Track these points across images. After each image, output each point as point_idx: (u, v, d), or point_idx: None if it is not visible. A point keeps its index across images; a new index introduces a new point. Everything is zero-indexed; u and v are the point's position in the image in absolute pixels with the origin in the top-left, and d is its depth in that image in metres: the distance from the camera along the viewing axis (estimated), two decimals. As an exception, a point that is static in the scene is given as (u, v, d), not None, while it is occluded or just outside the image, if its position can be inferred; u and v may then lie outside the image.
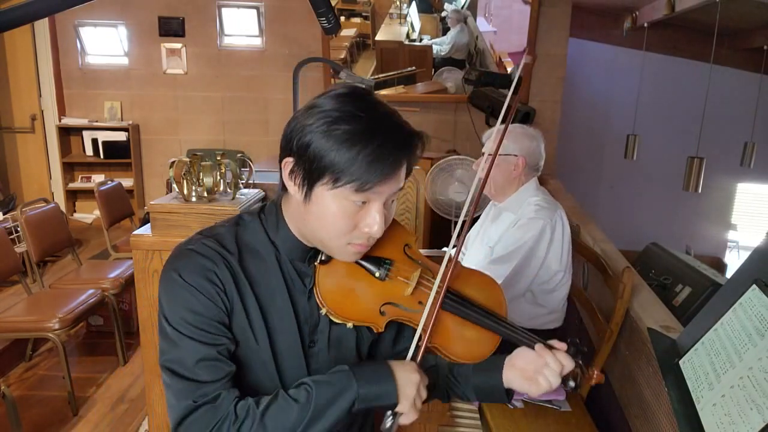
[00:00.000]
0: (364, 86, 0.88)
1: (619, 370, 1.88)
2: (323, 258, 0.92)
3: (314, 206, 0.84)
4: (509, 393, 0.99)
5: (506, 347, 0.99)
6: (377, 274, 0.92)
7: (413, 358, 0.89)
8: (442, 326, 0.94)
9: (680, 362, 1.14)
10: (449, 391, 1.05)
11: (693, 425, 0.98)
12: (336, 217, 0.83)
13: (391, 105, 0.88)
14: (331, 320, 0.93)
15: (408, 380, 0.86)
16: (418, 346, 0.89)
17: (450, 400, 1.07)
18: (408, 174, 0.88)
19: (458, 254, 0.93)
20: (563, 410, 1.72)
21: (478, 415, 1.79)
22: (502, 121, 1.00)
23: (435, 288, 0.91)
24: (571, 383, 0.92)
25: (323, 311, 0.91)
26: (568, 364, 0.92)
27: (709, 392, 0.99)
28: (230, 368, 0.86)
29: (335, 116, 0.80)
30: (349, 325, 0.91)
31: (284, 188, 0.90)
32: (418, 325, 0.90)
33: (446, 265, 0.92)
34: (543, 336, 1.65)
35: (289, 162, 0.85)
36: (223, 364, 0.85)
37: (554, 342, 0.95)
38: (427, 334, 0.89)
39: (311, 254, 0.93)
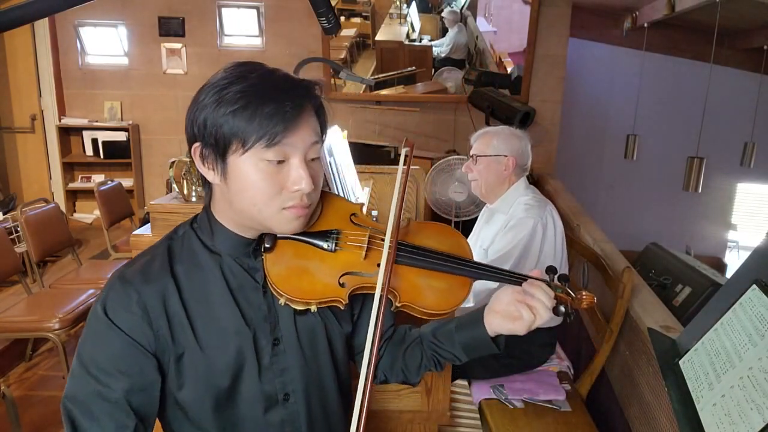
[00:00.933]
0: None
1: (619, 370, 1.88)
2: (267, 245, 0.88)
3: (233, 180, 0.81)
4: (497, 342, 0.95)
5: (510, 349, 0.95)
6: (326, 246, 0.89)
7: (376, 322, 0.84)
8: (406, 282, 0.91)
9: (680, 362, 1.14)
10: (438, 357, 1.02)
11: (693, 425, 0.98)
12: (257, 182, 0.80)
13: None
14: (294, 311, 0.91)
15: None
16: (379, 306, 0.84)
17: (443, 367, 1.03)
18: (323, 127, 0.86)
19: (401, 207, 0.91)
20: (563, 410, 1.72)
21: (478, 415, 1.79)
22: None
23: (387, 243, 0.87)
24: (562, 308, 0.88)
25: (282, 301, 0.87)
26: (549, 292, 0.88)
27: (709, 392, 0.99)
28: (129, 420, 0.80)
29: (224, 83, 0.80)
30: (312, 308, 0.87)
31: (207, 186, 0.88)
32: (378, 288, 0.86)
33: (393, 221, 0.89)
34: (541, 333, 1.65)
35: (196, 147, 0.83)
36: (123, 414, 0.80)
37: (532, 272, 0.92)
38: (385, 291, 0.85)
39: (254, 246, 0.90)
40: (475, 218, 2.35)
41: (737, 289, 1.08)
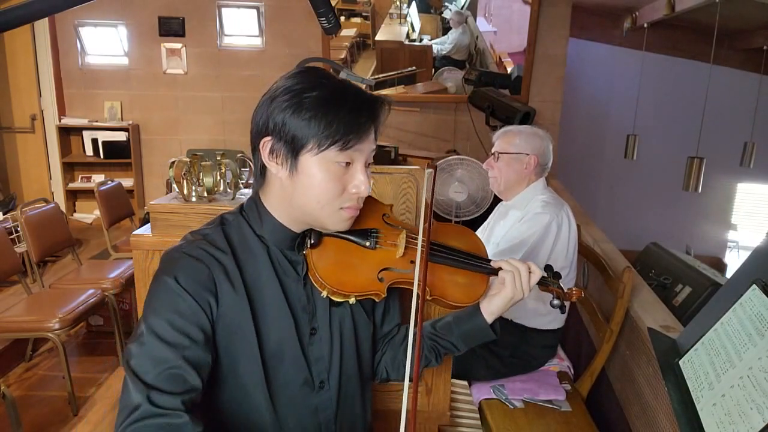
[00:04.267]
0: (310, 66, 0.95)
1: (619, 370, 1.88)
2: (312, 241, 0.95)
3: (301, 177, 0.88)
4: (494, 328, 1.04)
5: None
6: (367, 244, 0.98)
7: (417, 312, 0.90)
8: (436, 278, 1.01)
9: (680, 362, 1.14)
10: (438, 347, 1.09)
11: (693, 425, 0.98)
12: (324, 182, 0.87)
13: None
14: (330, 303, 0.97)
15: None
16: (419, 299, 0.92)
17: (442, 359, 1.11)
18: (377, 136, 0.93)
19: (431, 212, 1.02)
20: (563, 410, 1.72)
21: (478, 415, 1.79)
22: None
23: (420, 244, 0.96)
24: (556, 301, 1.02)
25: (324, 293, 0.94)
26: (535, 270, 1.01)
27: (709, 392, 0.99)
28: (195, 382, 0.83)
29: (300, 88, 0.86)
30: (351, 300, 0.95)
31: (261, 177, 0.94)
32: (413, 284, 0.95)
33: (424, 223, 0.98)
34: (543, 335, 1.69)
35: (267, 141, 0.88)
36: (188, 376, 0.83)
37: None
38: (425, 286, 0.94)
39: (299, 241, 0.96)
40: (475, 218, 2.35)
41: (737, 289, 1.09)
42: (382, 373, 1.14)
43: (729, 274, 3.98)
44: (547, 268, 1.06)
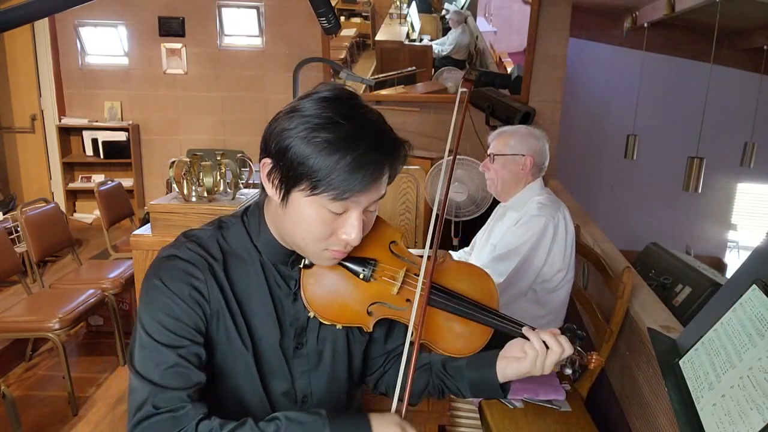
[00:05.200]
0: (350, 89, 0.87)
1: (619, 370, 1.88)
2: (306, 262, 0.91)
3: (291, 210, 0.83)
4: (504, 388, 0.98)
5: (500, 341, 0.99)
6: (362, 276, 0.91)
7: (408, 360, 0.87)
8: (431, 322, 0.94)
9: (680, 362, 1.14)
10: (443, 387, 1.05)
11: (693, 425, 0.98)
12: (312, 224, 0.82)
13: (377, 108, 0.86)
14: (320, 322, 0.94)
15: None
16: (411, 346, 0.88)
17: (445, 396, 1.06)
18: (390, 182, 0.86)
19: (436, 249, 0.92)
20: (563, 410, 1.72)
21: (478, 415, 1.79)
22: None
23: (419, 286, 0.90)
24: (568, 370, 0.92)
25: (311, 314, 0.91)
26: (567, 347, 0.91)
27: (709, 392, 0.99)
28: (198, 377, 0.84)
29: (316, 123, 0.78)
30: (338, 326, 0.92)
31: (263, 190, 0.89)
32: (408, 322, 0.90)
33: (427, 262, 0.92)
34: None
35: (267, 163, 0.83)
36: (191, 372, 0.84)
37: (546, 330, 0.94)
38: (419, 333, 0.88)
39: (294, 257, 0.92)
40: (475, 218, 2.35)
41: (737, 289, 1.08)
42: (380, 389, 1.11)
43: (729, 274, 3.98)
44: (568, 329, 0.95)
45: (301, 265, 0.92)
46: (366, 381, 1.12)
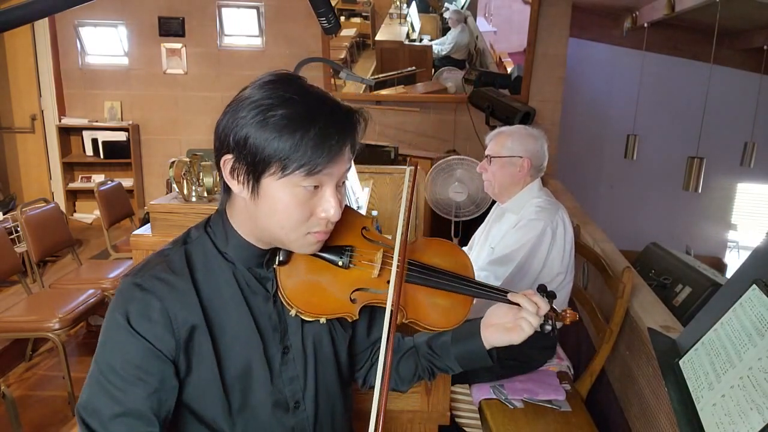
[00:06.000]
0: (288, 71, 0.86)
1: (619, 370, 1.88)
2: (281, 258, 0.89)
3: (264, 201, 0.81)
4: (491, 354, 0.99)
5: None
6: (340, 263, 0.91)
7: (387, 337, 0.85)
8: (413, 299, 0.95)
9: (680, 362, 1.14)
10: (433, 367, 1.05)
11: (693, 425, 0.98)
12: (289, 207, 0.80)
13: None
14: (302, 320, 0.91)
15: None
16: (390, 325, 0.86)
17: (435, 377, 1.06)
18: (354, 152, 0.85)
19: (407, 227, 0.93)
20: (563, 410, 1.72)
21: (478, 415, 1.79)
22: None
23: (395, 264, 0.89)
24: (548, 326, 0.95)
25: (292, 312, 0.88)
26: (542, 305, 0.93)
27: (709, 392, 0.99)
28: (150, 429, 0.79)
29: (268, 104, 0.77)
30: (322, 320, 0.90)
31: (226, 193, 0.87)
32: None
33: (400, 240, 0.91)
34: (543, 338, 1.66)
35: (228, 159, 0.81)
36: (142, 424, 0.78)
37: (523, 292, 0.97)
38: (398, 310, 0.88)
39: (268, 257, 0.90)
40: (475, 218, 2.35)
41: (737, 289, 1.08)
42: (370, 382, 1.09)
43: (729, 274, 3.98)
44: (540, 288, 0.98)
45: (276, 264, 0.89)
46: (355, 378, 1.11)
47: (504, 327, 0.95)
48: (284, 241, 0.85)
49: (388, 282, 0.91)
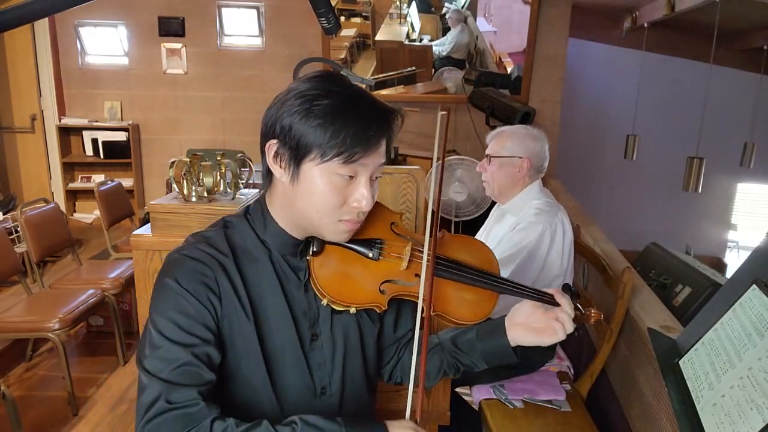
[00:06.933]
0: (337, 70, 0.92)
1: (619, 370, 1.88)
2: (315, 249, 0.93)
3: (302, 185, 0.86)
4: (516, 351, 1.00)
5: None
6: (371, 255, 0.95)
7: (421, 328, 0.90)
8: (441, 293, 0.97)
9: (680, 362, 1.14)
10: (458, 363, 1.07)
11: (693, 425, 0.98)
12: (325, 193, 0.85)
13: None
14: (332, 310, 0.95)
15: None
16: (422, 318, 0.90)
17: (460, 372, 1.08)
18: (389, 150, 0.91)
19: (437, 222, 0.95)
20: (563, 410, 1.72)
21: (478, 416, 1.79)
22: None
23: (425, 258, 0.93)
24: (573, 327, 0.96)
25: (324, 302, 0.92)
26: (570, 308, 0.96)
27: (709, 392, 0.99)
28: (209, 376, 0.85)
29: (313, 94, 0.83)
30: (352, 310, 0.93)
31: (268, 179, 0.92)
32: (418, 297, 0.92)
33: (431, 235, 0.95)
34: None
35: (273, 144, 0.87)
36: (202, 371, 0.84)
37: (551, 290, 0.99)
38: (429, 304, 0.91)
39: (302, 248, 0.94)
40: (475, 218, 2.35)
41: (737, 289, 1.09)
42: (396, 378, 1.13)
43: (729, 274, 3.98)
44: (566, 288, 1.00)
45: (310, 253, 0.93)
46: (380, 373, 1.13)
47: (532, 327, 0.97)
48: (317, 225, 0.90)
49: (417, 275, 0.95)
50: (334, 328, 0.98)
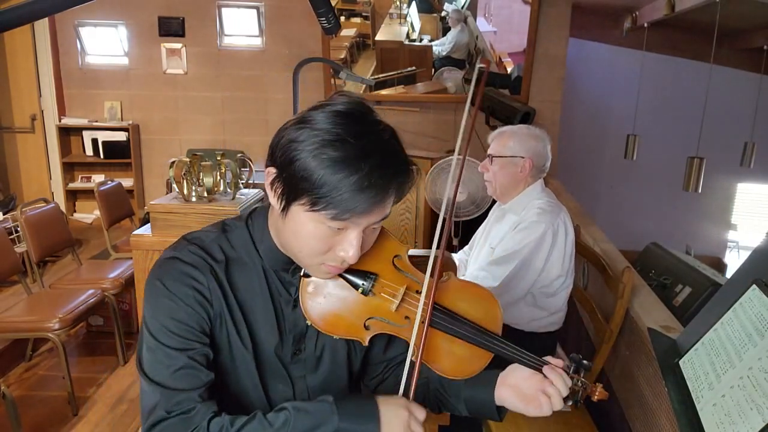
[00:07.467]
0: (366, 102, 0.84)
1: (619, 370, 1.88)
2: (306, 272, 0.90)
3: (290, 222, 0.82)
4: (501, 411, 0.96)
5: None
6: (360, 290, 0.90)
7: (407, 382, 0.86)
8: (431, 342, 0.91)
9: (680, 362, 1.14)
10: (440, 404, 1.04)
11: (693, 425, 0.98)
12: (310, 238, 0.81)
13: (377, 108, 0.85)
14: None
15: (395, 418, 0.82)
16: (412, 365, 0.86)
17: (441, 411, 1.04)
18: (397, 202, 0.84)
19: (440, 270, 0.89)
20: (563, 410, 1.72)
21: (478, 415, 1.79)
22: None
23: (420, 307, 0.87)
24: (569, 401, 0.91)
25: (309, 322, 0.91)
26: (568, 383, 0.90)
27: (709, 392, 0.99)
28: (208, 377, 0.85)
29: (325, 139, 0.76)
30: (335, 337, 0.91)
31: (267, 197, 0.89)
32: (406, 338, 0.89)
33: (428, 284, 0.88)
34: (541, 338, 1.63)
35: (271, 172, 0.82)
36: (200, 373, 0.84)
37: (551, 359, 0.92)
38: (420, 353, 0.86)
39: (294, 265, 0.91)
40: (475, 218, 2.34)
41: (737, 289, 1.08)
42: (379, 393, 1.11)
43: (729, 274, 3.98)
44: (574, 359, 0.93)
45: (302, 273, 0.91)
46: (366, 385, 1.11)
47: (522, 393, 0.92)
48: (299, 261, 0.88)
49: (407, 318, 0.90)
50: (319, 346, 0.97)
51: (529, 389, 0.92)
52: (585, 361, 0.93)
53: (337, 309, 0.90)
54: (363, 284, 0.90)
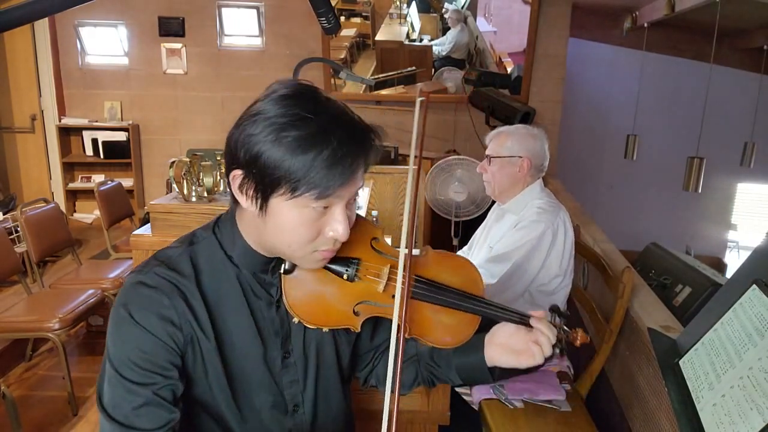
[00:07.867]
0: (307, 82, 0.83)
1: (619, 370, 1.88)
2: (287, 267, 0.88)
3: (272, 218, 0.79)
4: (493, 372, 0.97)
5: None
6: (345, 276, 0.89)
7: (395, 353, 0.84)
8: (418, 316, 0.93)
9: (680, 362, 1.14)
10: (433, 377, 1.04)
11: (693, 425, 0.98)
12: (297, 227, 0.79)
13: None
14: (305, 326, 0.91)
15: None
16: (397, 341, 0.85)
17: (435, 386, 1.05)
18: (366, 171, 0.84)
19: (411, 243, 0.89)
20: (563, 410, 1.72)
21: (478, 416, 1.79)
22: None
23: (399, 281, 0.85)
24: (556, 349, 0.92)
25: (295, 320, 0.89)
26: (551, 333, 0.91)
27: (709, 392, 0.99)
28: (172, 415, 0.81)
29: (282, 122, 0.75)
30: (325, 329, 0.91)
31: (234, 202, 0.85)
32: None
33: (405, 257, 0.87)
34: None
35: (237, 175, 0.79)
36: (164, 411, 0.80)
37: (533, 312, 0.94)
38: (403, 328, 0.85)
39: (273, 264, 0.89)
40: (475, 218, 2.34)
41: (737, 289, 1.09)
42: (371, 382, 1.10)
43: (729, 274, 3.98)
44: (553, 309, 0.96)
45: (281, 271, 0.89)
46: (356, 377, 1.11)
47: (512, 348, 0.93)
48: (290, 257, 0.85)
49: (393, 297, 0.89)
50: (307, 345, 0.95)
51: (518, 343, 0.93)
52: (563, 310, 0.95)
53: (324, 300, 0.89)
54: (347, 270, 0.89)
